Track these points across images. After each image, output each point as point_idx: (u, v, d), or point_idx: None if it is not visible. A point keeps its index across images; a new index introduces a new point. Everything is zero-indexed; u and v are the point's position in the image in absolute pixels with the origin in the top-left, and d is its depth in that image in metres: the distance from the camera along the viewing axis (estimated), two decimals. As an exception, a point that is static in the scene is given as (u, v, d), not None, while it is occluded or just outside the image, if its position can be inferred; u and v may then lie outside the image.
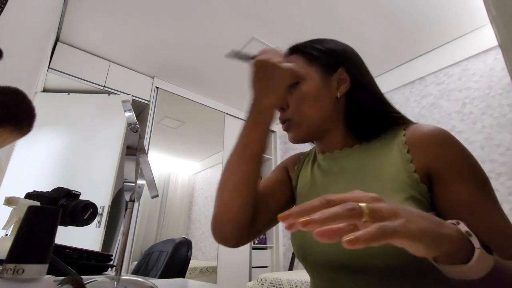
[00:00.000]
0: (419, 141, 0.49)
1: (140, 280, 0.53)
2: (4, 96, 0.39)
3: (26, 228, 0.27)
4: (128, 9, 2.00)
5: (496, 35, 0.69)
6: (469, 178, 0.45)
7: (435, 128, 0.49)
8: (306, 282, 1.63)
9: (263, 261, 3.05)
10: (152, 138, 2.57)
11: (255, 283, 1.96)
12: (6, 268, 0.24)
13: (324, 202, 0.27)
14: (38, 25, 1.38)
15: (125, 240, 0.51)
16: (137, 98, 2.60)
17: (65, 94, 2.34)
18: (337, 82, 0.57)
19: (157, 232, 3.11)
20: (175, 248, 1.21)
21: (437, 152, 0.47)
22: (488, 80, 1.99)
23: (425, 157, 0.47)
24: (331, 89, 0.56)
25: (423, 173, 0.47)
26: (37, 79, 1.75)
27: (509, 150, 1.80)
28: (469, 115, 2.04)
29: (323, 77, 0.57)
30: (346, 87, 0.56)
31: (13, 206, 0.64)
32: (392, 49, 2.36)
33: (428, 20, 2.04)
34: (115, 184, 2.13)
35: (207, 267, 2.67)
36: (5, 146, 0.41)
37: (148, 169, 0.55)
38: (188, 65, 2.60)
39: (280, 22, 2.09)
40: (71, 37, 2.27)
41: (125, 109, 0.56)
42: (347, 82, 0.56)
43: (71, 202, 0.70)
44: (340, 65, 0.57)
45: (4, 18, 0.79)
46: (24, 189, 0.73)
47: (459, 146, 0.47)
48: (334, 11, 1.97)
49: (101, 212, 2.01)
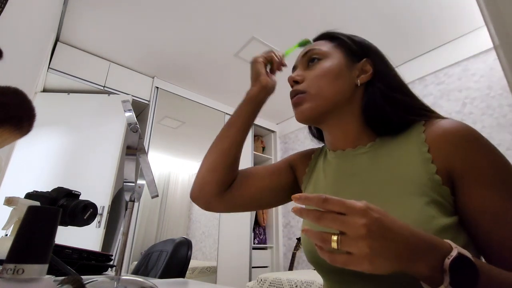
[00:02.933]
0: (439, 139, 0.45)
1: (140, 280, 0.53)
2: (4, 96, 0.39)
3: (26, 228, 0.27)
4: (128, 9, 2.00)
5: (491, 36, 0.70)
6: (494, 184, 0.40)
7: (457, 125, 0.45)
8: (306, 282, 1.63)
9: (263, 261, 3.05)
10: (152, 138, 2.57)
11: (255, 283, 1.96)
12: (6, 268, 0.24)
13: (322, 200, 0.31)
14: (38, 25, 1.38)
15: (125, 240, 0.51)
16: (137, 98, 2.60)
17: (65, 94, 2.34)
18: (359, 71, 0.56)
19: (157, 232, 3.11)
20: (175, 248, 1.21)
21: (458, 152, 0.43)
22: (488, 80, 1.99)
23: (445, 157, 0.43)
24: (352, 75, 0.56)
25: (445, 175, 0.43)
26: (37, 79, 1.75)
27: (509, 150, 1.80)
28: (469, 115, 2.04)
29: (347, 61, 0.57)
30: (368, 77, 0.56)
31: (13, 206, 0.64)
32: (392, 49, 2.35)
33: (428, 20, 2.04)
34: (115, 184, 2.13)
35: (207, 267, 2.67)
36: (5, 146, 0.41)
37: (148, 169, 0.55)
38: (188, 65, 2.60)
39: (280, 22, 2.09)
40: (71, 37, 2.26)
41: (125, 109, 0.56)
42: (369, 73, 0.56)
43: (71, 202, 0.70)
44: (366, 56, 0.57)
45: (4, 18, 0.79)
46: (24, 189, 0.73)
47: (484, 145, 0.43)
48: (334, 11, 1.97)
49: (101, 212, 2.01)
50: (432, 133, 0.47)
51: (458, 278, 0.30)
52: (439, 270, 0.31)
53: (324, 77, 0.55)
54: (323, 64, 0.56)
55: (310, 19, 2.04)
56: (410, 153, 0.47)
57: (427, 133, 0.47)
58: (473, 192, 0.41)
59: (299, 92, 0.57)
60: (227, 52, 2.41)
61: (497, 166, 0.42)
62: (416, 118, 0.51)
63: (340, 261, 0.30)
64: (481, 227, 0.40)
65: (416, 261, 0.30)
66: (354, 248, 0.29)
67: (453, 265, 0.30)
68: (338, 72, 0.55)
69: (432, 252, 0.31)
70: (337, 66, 0.56)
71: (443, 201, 0.42)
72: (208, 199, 0.63)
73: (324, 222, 0.31)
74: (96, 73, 2.42)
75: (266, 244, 3.20)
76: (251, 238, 2.95)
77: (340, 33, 0.62)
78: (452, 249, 0.32)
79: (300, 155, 0.70)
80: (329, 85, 0.55)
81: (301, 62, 0.61)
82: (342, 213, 0.31)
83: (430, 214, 0.41)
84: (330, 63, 0.56)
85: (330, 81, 0.55)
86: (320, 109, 0.55)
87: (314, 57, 0.58)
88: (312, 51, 0.59)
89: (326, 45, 0.60)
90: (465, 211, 0.42)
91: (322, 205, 0.31)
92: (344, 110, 0.56)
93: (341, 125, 0.57)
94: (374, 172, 0.50)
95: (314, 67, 0.57)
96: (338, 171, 0.57)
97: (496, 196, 0.40)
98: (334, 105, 0.55)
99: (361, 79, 0.56)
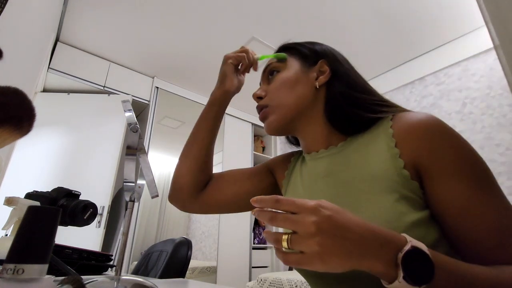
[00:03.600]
0: (405, 133, 0.44)
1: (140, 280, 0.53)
2: (4, 96, 0.39)
3: (26, 228, 0.27)
4: (128, 9, 2.00)
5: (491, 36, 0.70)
6: (459, 175, 0.40)
7: (422, 117, 0.44)
8: (306, 282, 1.63)
9: (263, 261, 3.05)
10: (152, 138, 2.57)
11: (255, 283, 1.96)
12: (6, 268, 0.24)
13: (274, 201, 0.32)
14: (38, 25, 1.38)
15: (125, 240, 0.51)
16: (137, 98, 2.60)
17: (65, 94, 2.34)
18: (317, 73, 0.57)
19: (157, 232, 3.11)
20: (175, 248, 1.21)
21: (423, 144, 0.42)
22: (488, 80, 1.99)
23: (411, 151, 0.43)
24: (310, 79, 0.57)
25: (412, 169, 0.43)
26: (37, 79, 1.75)
27: (509, 150, 1.80)
28: (469, 115, 2.04)
29: (302, 67, 0.58)
30: (326, 78, 0.56)
31: (13, 206, 0.64)
32: (392, 49, 2.36)
33: (428, 20, 2.04)
34: (115, 184, 2.13)
35: (207, 267, 2.67)
36: (5, 146, 0.41)
37: (148, 169, 0.55)
38: (188, 65, 2.60)
39: (280, 22, 2.09)
40: (71, 37, 2.26)
41: (125, 109, 0.56)
42: (327, 73, 0.56)
43: (71, 202, 0.70)
44: (321, 58, 0.58)
45: (4, 18, 0.79)
46: (24, 189, 0.73)
47: (449, 136, 0.42)
48: (334, 11, 1.97)
49: (101, 212, 2.01)
50: (398, 127, 0.46)
51: (412, 272, 0.29)
52: (393, 265, 0.30)
53: (283, 87, 0.57)
54: (280, 75, 0.58)
55: (310, 19, 2.04)
56: (379, 149, 0.47)
57: (394, 128, 0.47)
58: (439, 185, 0.41)
59: (263, 107, 0.59)
60: (227, 52, 2.39)
61: (462, 157, 0.41)
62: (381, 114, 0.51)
63: (292, 261, 0.31)
64: (448, 220, 0.40)
65: (369, 257, 0.30)
66: (304, 247, 0.30)
67: (406, 259, 0.30)
68: (295, 79, 0.57)
69: (386, 247, 0.31)
70: (294, 73, 0.57)
71: (413, 196, 0.42)
72: (182, 201, 0.66)
73: (276, 222, 0.32)
74: (96, 73, 2.42)
75: (266, 244, 3.20)
76: (251, 238, 2.95)
77: (293, 42, 0.64)
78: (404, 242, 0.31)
79: (279, 159, 0.70)
80: (288, 93, 0.56)
81: (263, 78, 0.63)
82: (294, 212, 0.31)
83: (401, 211, 0.40)
84: (287, 73, 0.58)
85: (289, 90, 0.56)
86: (285, 118, 0.56)
87: (273, 70, 0.60)
88: (270, 65, 0.61)
89: None
90: (433, 204, 0.42)
91: (275, 206, 0.32)
92: (309, 114, 0.56)
93: (309, 129, 0.57)
94: (346, 171, 0.50)
95: (273, 80, 0.59)
96: (313, 173, 0.57)
97: (462, 188, 0.39)
98: (298, 111, 0.56)
99: (320, 80, 0.56)
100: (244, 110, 3.33)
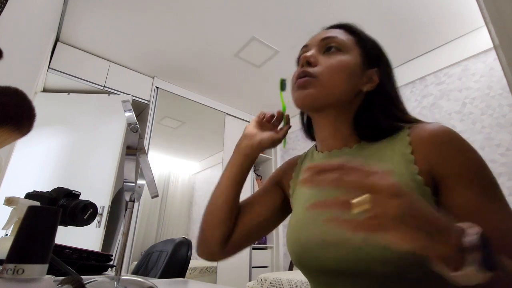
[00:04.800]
0: (421, 141, 0.46)
1: (140, 280, 0.53)
2: (4, 96, 0.39)
3: (26, 228, 0.27)
4: (128, 9, 2.00)
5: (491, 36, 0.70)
6: (471, 183, 0.41)
7: (437, 127, 0.46)
8: (306, 282, 1.63)
9: (263, 261, 3.05)
10: (152, 138, 2.57)
11: (255, 283, 1.96)
12: (6, 268, 0.24)
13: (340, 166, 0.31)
14: (38, 25, 1.38)
15: (125, 240, 0.51)
16: (137, 98, 2.60)
17: (65, 94, 2.34)
18: (367, 78, 0.55)
19: (157, 232, 3.10)
20: (175, 248, 1.21)
21: (437, 154, 0.44)
22: (488, 80, 1.99)
23: (427, 159, 0.44)
24: (361, 79, 0.55)
25: (427, 175, 0.44)
26: (37, 79, 1.75)
27: (509, 150, 1.80)
28: (469, 115, 2.04)
29: (362, 64, 0.56)
30: (371, 87, 0.55)
31: (13, 206, 0.64)
32: (392, 49, 2.34)
33: (428, 20, 2.04)
34: (115, 184, 2.13)
35: (207, 267, 2.67)
36: (5, 146, 0.41)
37: (148, 169, 0.55)
38: (188, 65, 2.60)
39: (280, 22, 2.09)
40: (71, 37, 2.27)
41: (125, 109, 0.56)
42: (375, 84, 0.55)
43: (71, 202, 0.70)
44: (377, 64, 0.56)
45: (4, 18, 0.79)
46: (24, 189, 0.73)
47: (462, 147, 0.44)
48: (334, 11, 1.97)
49: (101, 212, 2.01)
50: (416, 135, 0.48)
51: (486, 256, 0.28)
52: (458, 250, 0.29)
53: (341, 71, 0.53)
54: (342, 57, 0.54)
55: (310, 19, 2.04)
56: (395, 154, 0.48)
57: (411, 136, 0.48)
58: (452, 192, 0.42)
59: (309, 75, 0.54)
60: (227, 52, 2.41)
61: (474, 166, 0.43)
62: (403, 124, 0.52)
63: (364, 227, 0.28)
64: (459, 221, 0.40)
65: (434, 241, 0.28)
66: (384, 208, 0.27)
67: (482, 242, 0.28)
68: (353, 71, 0.54)
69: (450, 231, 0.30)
70: (354, 66, 0.54)
71: None
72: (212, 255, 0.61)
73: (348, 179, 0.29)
74: (96, 73, 2.42)
75: (266, 244, 3.20)
76: (251, 238, 2.95)
77: (361, 30, 0.60)
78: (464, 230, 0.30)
79: (283, 170, 0.68)
80: (341, 80, 0.53)
81: (316, 45, 0.58)
82: None
83: None
84: (349, 59, 0.54)
85: (344, 77, 0.53)
86: (325, 101, 0.53)
87: (332, 46, 0.56)
88: (332, 38, 0.56)
89: (346, 37, 0.57)
90: (446, 211, 0.42)
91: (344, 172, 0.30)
92: (342, 109, 0.55)
93: (335, 123, 0.56)
94: None
95: (331, 56, 0.55)
96: None
97: (473, 195, 0.41)
98: (337, 101, 0.54)
99: (367, 87, 0.55)
100: (244, 110, 3.33)
